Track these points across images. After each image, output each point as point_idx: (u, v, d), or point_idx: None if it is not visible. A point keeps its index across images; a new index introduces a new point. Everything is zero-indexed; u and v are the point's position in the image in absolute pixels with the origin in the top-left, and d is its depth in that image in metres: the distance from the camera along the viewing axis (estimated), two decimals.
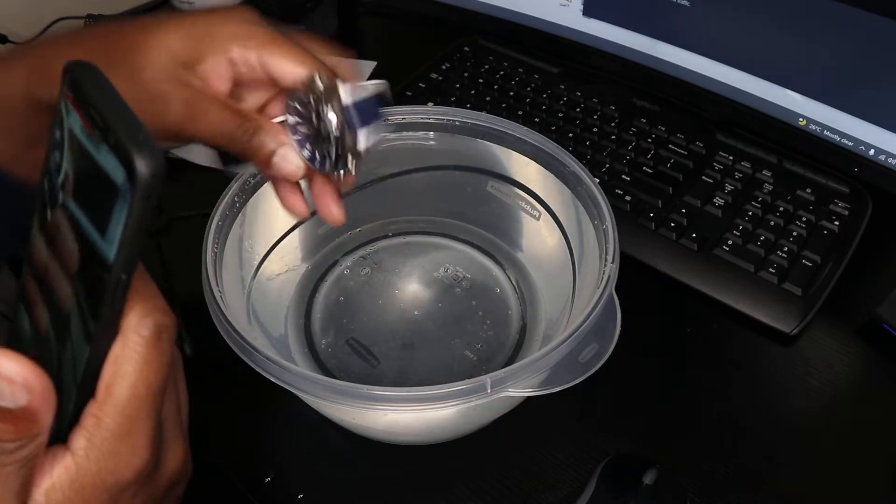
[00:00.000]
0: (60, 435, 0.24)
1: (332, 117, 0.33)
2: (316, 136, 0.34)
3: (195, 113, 0.33)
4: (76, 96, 0.22)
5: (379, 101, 0.35)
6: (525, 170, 0.48)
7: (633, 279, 0.43)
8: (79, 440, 0.24)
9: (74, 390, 0.24)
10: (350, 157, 0.34)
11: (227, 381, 0.45)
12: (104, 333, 0.24)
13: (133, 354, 0.24)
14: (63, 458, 0.24)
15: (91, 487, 0.24)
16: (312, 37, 0.35)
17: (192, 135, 0.34)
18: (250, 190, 0.44)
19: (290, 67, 0.33)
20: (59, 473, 0.24)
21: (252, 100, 0.36)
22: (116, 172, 0.20)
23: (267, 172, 0.35)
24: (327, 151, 0.34)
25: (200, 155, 0.63)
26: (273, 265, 0.48)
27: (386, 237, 0.53)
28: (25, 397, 0.21)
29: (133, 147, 0.20)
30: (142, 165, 0.20)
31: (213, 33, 0.33)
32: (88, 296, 0.23)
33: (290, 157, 0.34)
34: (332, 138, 0.33)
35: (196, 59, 0.33)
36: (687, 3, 0.58)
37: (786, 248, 0.52)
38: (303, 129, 0.34)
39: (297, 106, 0.34)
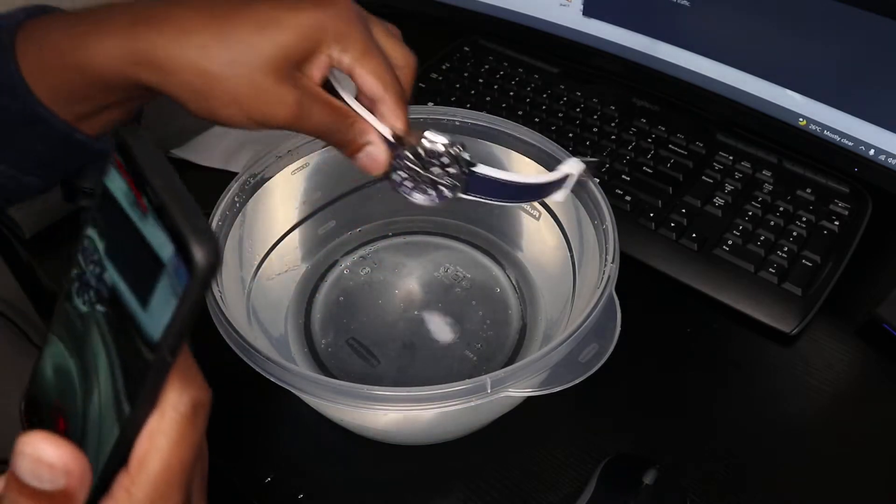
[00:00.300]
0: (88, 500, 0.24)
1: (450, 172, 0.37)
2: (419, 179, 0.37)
3: (303, 113, 0.33)
4: (127, 164, 0.21)
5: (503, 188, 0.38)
6: (525, 170, 0.48)
7: (633, 279, 0.43)
8: None
9: (101, 454, 0.24)
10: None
11: (227, 381, 0.45)
12: (143, 407, 0.23)
13: (169, 430, 0.24)
14: None
15: None
16: (398, 49, 0.37)
17: (295, 129, 0.34)
18: (250, 190, 0.44)
19: (372, 84, 0.34)
20: None
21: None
22: (165, 251, 0.20)
23: (352, 161, 0.37)
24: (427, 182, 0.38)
25: (200, 155, 0.63)
26: (273, 265, 0.48)
27: (386, 237, 0.53)
28: (64, 481, 0.22)
29: (192, 234, 0.19)
30: (200, 255, 0.19)
31: (323, 29, 0.33)
32: (126, 368, 0.23)
33: (377, 155, 0.36)
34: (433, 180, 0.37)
35: (306, 58, 0.33)
36: (687, 3, 0.58)
37: (786, 248, 0.52)
38: (408, 183, 0.38)
39: (410, 163, 0.37)
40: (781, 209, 0.55)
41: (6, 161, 0.36)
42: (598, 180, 0.43)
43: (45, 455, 0.21)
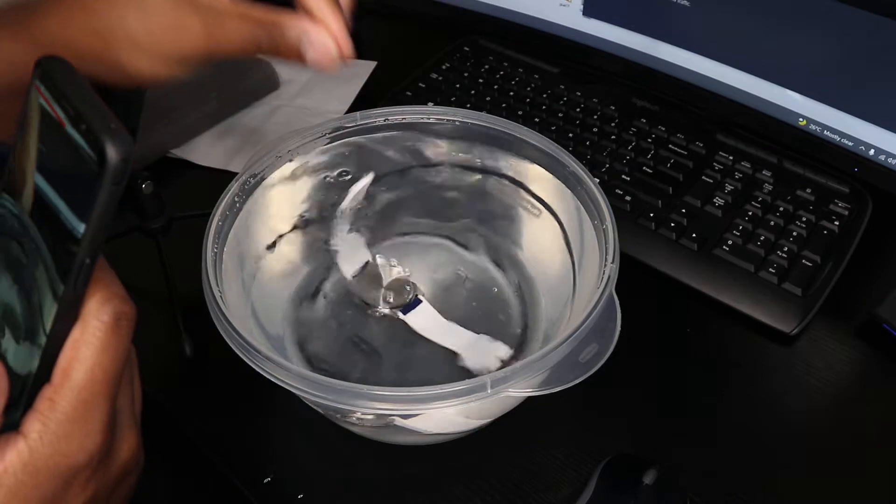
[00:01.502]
0: (14, 422, 0.24)
1: None
2: None
3: (214, 32, 0.33)
4: (48, 87, 0.23)
5: None
6: (525, 170, 0.48)
7: (633, 279, 0.43)
8: (33, 424, 0.24)
9: (29, 368, 0.24)
10: None
11: (226, 381, 0.46)
12: (64, 317, 0.24)
13: (92, 339, 0.24)
14: (16, 442, 0.24)
15: (45, 471, 0.24)
16: None
17: (217, 53, 0.34)
18: (250, 190, 0.44)
19: None
20: (11, 458, 0.24)
21: None
22: (88, 159, 0.21)
23: (308, 65, 0.35)
24: None
25: (200, 155, 0.63)
26: (273, 265, 0.48)
27: (386, 238, 0.53)
28: None
29: (104, 134, 0.21)
30: (112, 151, 0.21)
31: None
32: (56, 274, 0.23)
33: (317, 40, 0.34)
34: None
35: None
36: (687, 3, 0.58)
37: (786, 248, 0.52)
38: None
39: None
40: (781, 209, 0.55)
41: None
42: (597, 181, 0.43)
43: None
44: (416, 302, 0.46)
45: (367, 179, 0.48)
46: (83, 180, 0.22)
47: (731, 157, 0.58)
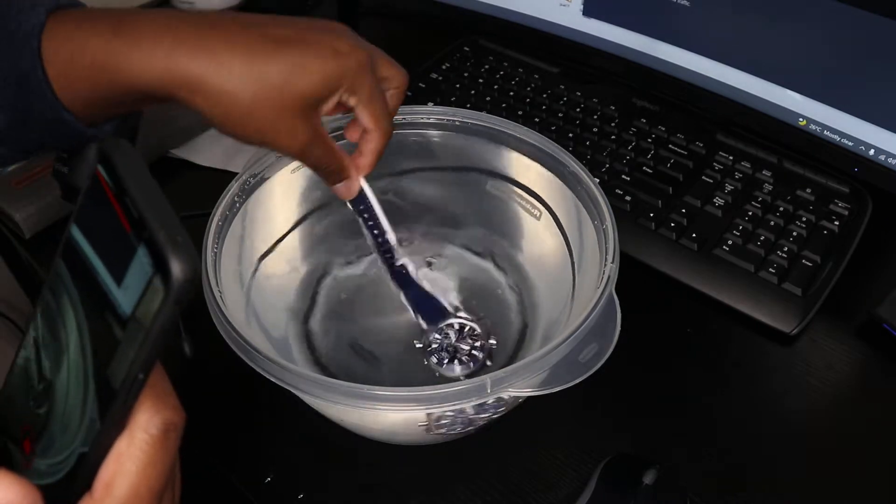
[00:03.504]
0: None
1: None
2: None
3: (307, 150, 0.37)
4: (109, 177, 0.21)
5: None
6: (525, 170, 0.48)
7: (633, 279, 0.43)
8: None
9: (65, 471, 0.23)
10: None
11: (227, 381, 0.46)
12: (111, 428, 0.22)
13: (138, 453, 0.23)
14: None
15: None
16: (393, 70, 0.42)
17: (290, 157, 0.42)
18: (250, 190, 0.44)
19: (367, 121, 0.39)
20: None
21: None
22: (147, 268, 0.20)
23: (329, 186, 0.41)
24: None
25: (200, 155, 0.63)
26: (273, 265, 0.48)
27: None
28: None
29: (170, 249, 0.19)
30: (178, 270, 0.19)
31: (342, 78, 0.36)
32: (99, 383, 0.22)
33: (351, 185, 0.41)
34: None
35: (323, 101, 0.37)
36: (687, 3, 0.58)
37: (786, 248, 0.52)
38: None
39: None
40: (781, 209, 0.55)
41: None
42: (597, 181, 0.43)
43: None
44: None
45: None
46: (135, 268, 0.20)
47: (731, 157, 0.58)
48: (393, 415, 0.38)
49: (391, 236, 0.44)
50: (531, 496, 0.42)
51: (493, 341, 0.47)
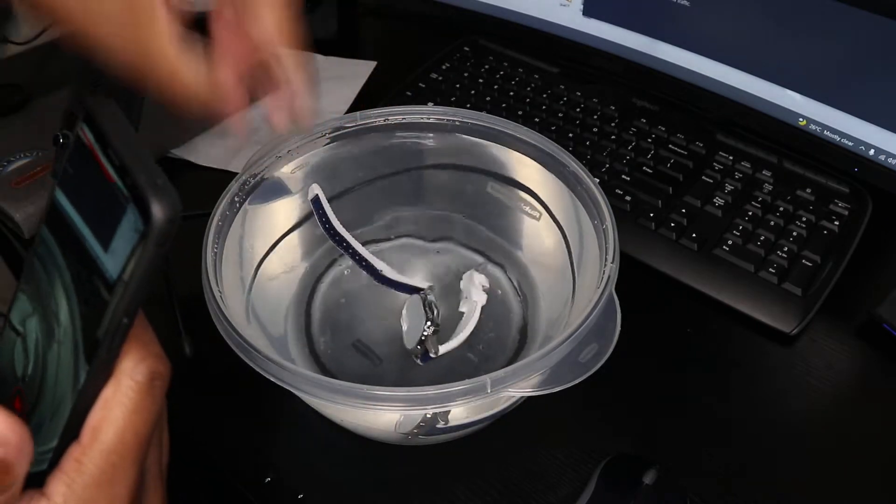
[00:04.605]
0: (39, 476, 0.23)
1: None
2: None
3: (175, 74, 0.33)
4: (94, 133, 0.22)
5: None
6: (525, 170, 0.48)
7: (633, 279, 0.43)
8: (57, 486, 0.23)
9: (56, 426, 0.23)
10: None
11: (227, 380, 0.46)
12: (97, 375, 0.23)
13: (124, 400, 0.23)
14: None
15: None
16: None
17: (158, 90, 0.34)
18: (250, 190, 0.44)
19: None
20: None
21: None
22: (133, 226, 0.20)
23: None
24: None
25: (201, 155, 0.63)
26: (273, 265, 0.48)
27: (387, 238, 0.53)
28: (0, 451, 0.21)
29: (150, 191, 0.19)
30: (158, 211, 0.19)
31: None
32: (86, 331, 0.22)
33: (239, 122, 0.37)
34: None
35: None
36: (687, 3, 0.58)
37: (786, 248, 0.52)
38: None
39: None
40: (781, 209, 0.55)
41: None
42: (597, 181, 0.43)
43: None
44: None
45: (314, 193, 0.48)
46: (123, 232, 0.20)
47: (731, 157, 0.58)
48: (393, 415, 0.38)
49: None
50: (531, 496, 0.42)
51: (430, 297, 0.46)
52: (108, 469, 0.23)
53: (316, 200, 0.47)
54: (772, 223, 0.54)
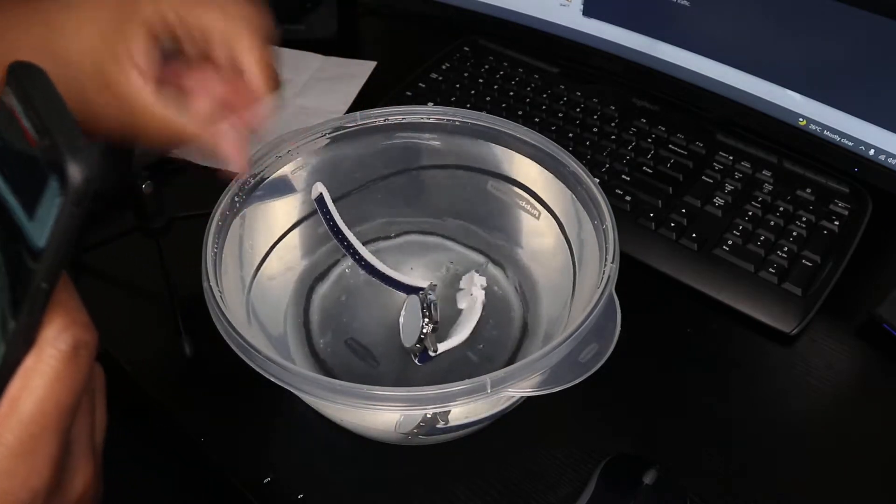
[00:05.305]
0: None
1: None
2: None
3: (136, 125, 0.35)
4: (18, 96, 0.21)
5: None
6: (525, 170, 0.48)
7: (633, 279, 0.43)
8: None
9: None
10: None
11: (227, 380, 0.46)
12: (17, 343, 0.22)
13: (45, 369, 0.23)
14: None
15: None
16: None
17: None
18: (250, 190, 0.44)
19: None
20: None
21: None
22: (51, 177, 0.20)
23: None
24: None
25: (201, 155, 0.63)
26: (273, 265, 0.48)
27: (387, 237, 0.53)
28: None
29: (67, 151, 0.19)
30: (75, 171, 0.19)
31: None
32: (12, 298, 0.22)
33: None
34: None
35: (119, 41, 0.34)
36: (687, 3, 0.58)
37: (786, 248, 0.52)
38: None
39: None
40: (781, 209, 0.55)
41: None
42: (597, 180, 0.43)
43: None
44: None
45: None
46: (47, 200, 0.20)
47: (731, 157, 0.58)
48: (393, 415, 0.38)
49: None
50: (531, 496, 0.42)
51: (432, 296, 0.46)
52: (27, 440, 0.23)
53: (320, 199, 0.47)
54: (772, 223, 0.54)
